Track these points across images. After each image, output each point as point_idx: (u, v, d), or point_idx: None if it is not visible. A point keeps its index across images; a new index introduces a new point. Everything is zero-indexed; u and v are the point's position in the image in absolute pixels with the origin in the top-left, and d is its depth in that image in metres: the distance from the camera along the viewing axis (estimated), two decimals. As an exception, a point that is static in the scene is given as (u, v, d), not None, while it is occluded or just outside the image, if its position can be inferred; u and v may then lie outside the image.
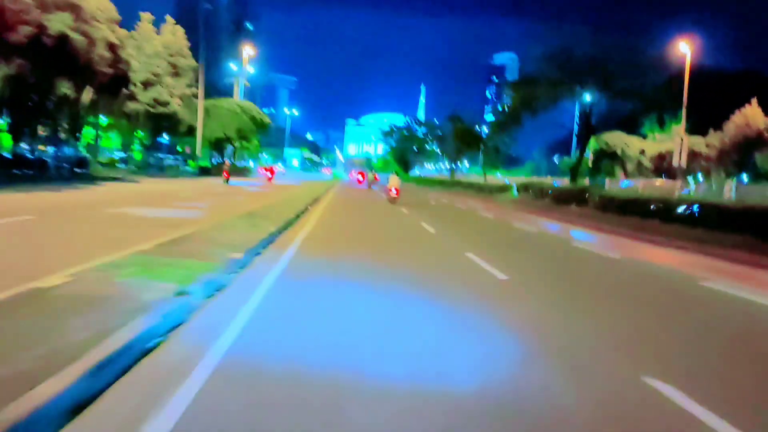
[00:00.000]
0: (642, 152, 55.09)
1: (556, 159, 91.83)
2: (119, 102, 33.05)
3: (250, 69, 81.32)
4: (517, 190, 35.81)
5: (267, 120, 67.84)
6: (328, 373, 3.87)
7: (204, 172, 55.07)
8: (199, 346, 4.18)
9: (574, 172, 40.49)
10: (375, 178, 53.10)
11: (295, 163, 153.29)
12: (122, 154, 52.64)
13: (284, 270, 7.71)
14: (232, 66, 70.28)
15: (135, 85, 36.90)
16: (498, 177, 69.07)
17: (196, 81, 44.45)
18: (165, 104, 40.17)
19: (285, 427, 3.05)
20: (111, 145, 54.06)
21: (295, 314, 5.55)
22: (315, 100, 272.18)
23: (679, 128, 54.33)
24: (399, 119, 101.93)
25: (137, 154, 48.17)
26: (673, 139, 53.19)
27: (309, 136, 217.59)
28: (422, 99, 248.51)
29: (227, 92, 69.78)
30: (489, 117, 72.17)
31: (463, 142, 55.10)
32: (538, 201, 30.71)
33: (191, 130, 50.74)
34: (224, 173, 38.22)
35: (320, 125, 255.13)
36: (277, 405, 3.30)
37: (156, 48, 40.44)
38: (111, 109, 34.29)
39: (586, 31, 38.38)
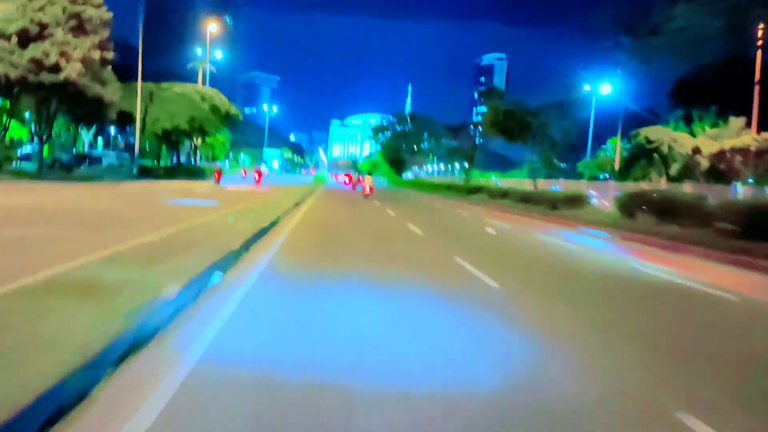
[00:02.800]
0: (697, 151, 44.21)
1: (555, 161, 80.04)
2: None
3: (218, 54, 69.89)
4: (621, 206, 19.01)
5: (234, 110, 55.85)
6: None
7: (145, 173, 42.84)
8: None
9: None
10: (359, 179, 53.32)
11: (275, 164, 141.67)
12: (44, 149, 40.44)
13: None
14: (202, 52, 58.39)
15: (6, 38, 24.85)
16: (493, 180, 57.14)
17: (112, 44, 31.23)
18: (55, 69, 27.39)
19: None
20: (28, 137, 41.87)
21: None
22: (299, 100, 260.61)
23: (738, 121, 45.73)
24: (385, 121, 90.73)
25: (45, 148, 35.90)
26: (733, 135, 43.10)
27: (292, 137, 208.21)
28: (409, 99, 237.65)
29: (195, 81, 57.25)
30: (477, 119, 58.88)
31: (504, 129, 41.23)
32: (667, 224, 15.89)
33: (125, 118, 38.63)
34: (216, 175, 41.37)
35: (304, 126, 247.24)
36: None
37: (41, -16, 27.06)
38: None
39: None
